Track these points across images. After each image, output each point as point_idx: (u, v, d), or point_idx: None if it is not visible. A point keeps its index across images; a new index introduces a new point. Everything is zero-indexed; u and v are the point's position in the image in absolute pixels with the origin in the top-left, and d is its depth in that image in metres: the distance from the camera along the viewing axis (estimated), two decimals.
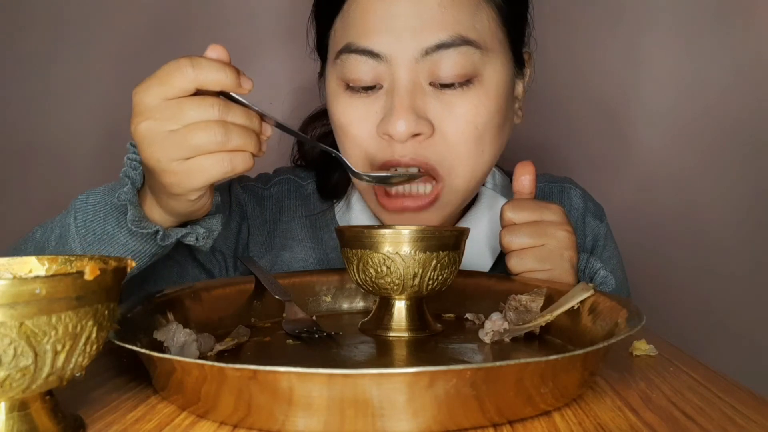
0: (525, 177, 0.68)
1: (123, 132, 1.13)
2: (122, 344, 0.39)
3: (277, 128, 0.53)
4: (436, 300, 0.60)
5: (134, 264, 0.37)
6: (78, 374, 0.34)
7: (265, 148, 0.51)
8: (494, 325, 0.54)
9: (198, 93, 0.48)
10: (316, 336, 0.54)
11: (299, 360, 0.49)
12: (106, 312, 0.34)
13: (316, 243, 0.80)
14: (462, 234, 0.57)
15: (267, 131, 0.52)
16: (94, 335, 0.33)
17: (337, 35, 0.68)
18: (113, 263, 0.36)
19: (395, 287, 0.55)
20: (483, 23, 0.65)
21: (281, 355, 0.51)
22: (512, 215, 0.65)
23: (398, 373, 0.34)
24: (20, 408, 0.33)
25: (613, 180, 1.15)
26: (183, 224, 0.59)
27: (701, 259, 1.16)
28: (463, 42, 0.64)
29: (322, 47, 0.73)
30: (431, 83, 0.65)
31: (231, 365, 0.34)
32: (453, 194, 0.69)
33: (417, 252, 0.53)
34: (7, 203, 1.13)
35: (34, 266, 0.40)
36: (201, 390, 0.37)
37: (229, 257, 0.77)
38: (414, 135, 0.65)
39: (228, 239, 0.77)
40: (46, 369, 0.32)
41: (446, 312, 0.64)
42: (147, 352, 0.38)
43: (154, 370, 0.42)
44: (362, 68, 0.65)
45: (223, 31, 1.12)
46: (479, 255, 0.76)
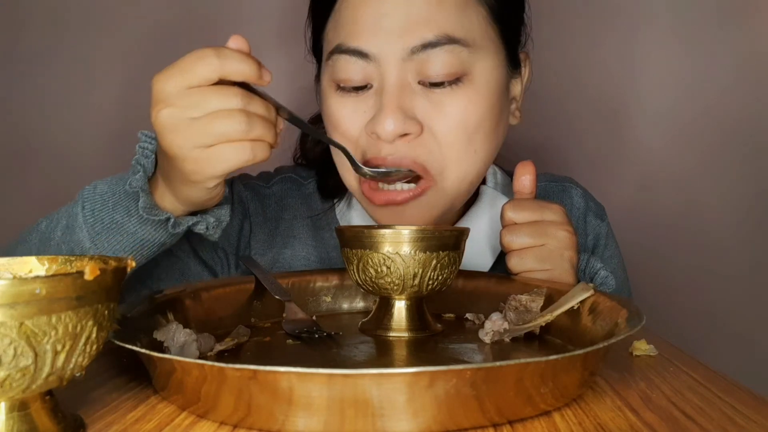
0: (525, 177, 0.68)
1: (123, 131, 1.14)
2: (122, 344, 0.39)
3: (290, 122, 0.54)
4: (436, 300, 0.60)
5: (134, 264, 0.37)
6: (78, 374, 0.34)
7: (280, 141, 0.52)
8: (494, 325, 0.54)
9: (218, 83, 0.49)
10: (316, 336, 0.54)
11: (299, 360, 0.49)
12: (106, 312, 0.34)
13: (318, 242, 0.81)
14: (462, 234, 0.57)
15: (280, 124, 0.53)
16: (94, 335, 0.33)
17: (329, 36, 0.69)
18: (113, 263, 0.36)
19: (395, 287, 0.55)
20: (472, 21, 0.65)
21: (281, 355, 0.51)
22: (513, 215, 0.65)
23: (398, 373, 0.34)
24: (20, 408, 0.33)
25: (613, 180, 1.16)
26: (192, 213, 0.59)
27: (701, 259, 1.16)
28: (450, 41, 0.64)
29: (317, 49, 0.74)
30: (420, 82, 0.65)
31: (231, 365, 0.34)
32: (441, 196, 0.69)
33: (417, 252, 0.53)
34: (7, 203, 1.13)
35: (34, 266, 0.40)
36: (201, 390, 0.37)
37: (231, 254, 0.77)
38: (402, 135, 0.64)
39: (230, 237, 0.77)
40: (46, 369, 0.32)
41: (446, 312, 0.64)
42: (147, 352, 0.38)
43: (154, 370, 0.42)
44: (352, 68, 0.65)
45: (224, 31, 1.12)
46: (479, 254, 0.76)
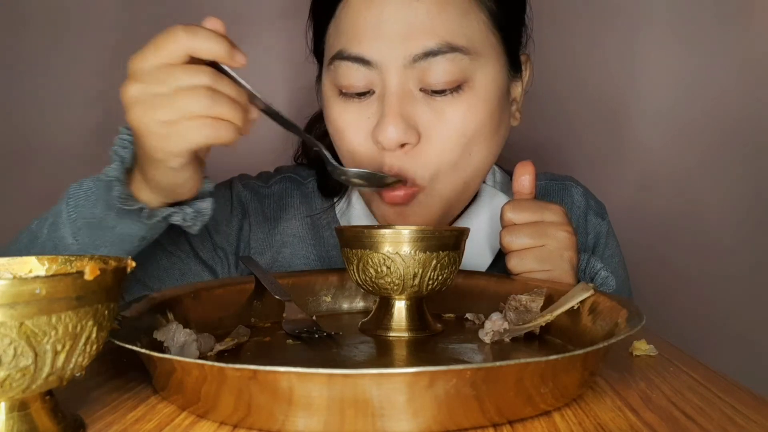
0: (525, 177, 0.68)
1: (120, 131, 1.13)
2: (122, 344, 0.39)
3: (265, 114, 0.54)
4: (436, 300, 0.60)
5: (134, 264, 0.37)
6: (78, 374, 0.34)
7: (249, 129, 0.51)
8: (494, 325, 0.54)
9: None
10: (316, 336, 0.54)
11: (299, 360, 0.49)
12: (106, 312, 0.34)
13: (317, 241, 0.81)
14: (462, 234, 0.57)
15: (253, 113, 0.52)
16: (94, 335, 0.33)
17: (331, 40, 0.69)
18: (113, 263, 0.36)
19: (395, 287, 0.55)
20: (473, 28, 0.65)
21: (281, 355, 0.51)
22: (512, 215, 0.65)
23: (398, 373, 0.34)
24: (20, 408, 0.33)
25: (613, 180, 1.16)
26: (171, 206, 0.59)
27: (701, 259, 1.16)
28: (451, 49, 0.64)
29: (319, 51, 0.74)
30: (422, 89, 0.65)
31: (231, 365, 0.34)
32: (436, 198, 0.69)
33: (417, 252, 0.53)
34: (6, 203, 1.13)
35: (34, 266, 0.40)
36: (201, 390, 0.37)
37: (231, 254, 0.77)
38: (401, 145, 0.65)
39: (229, 236, 0.77)
40: (46, 369, 0.32)
41: (446, 312, 0.64)
42: (147, 352, 0.38)
43: (154, 370, 0.42)
44: (354, 75, 0.65)
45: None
46: (478, 252, 0.76)
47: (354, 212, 0.80)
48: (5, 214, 1.12)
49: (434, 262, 0.54)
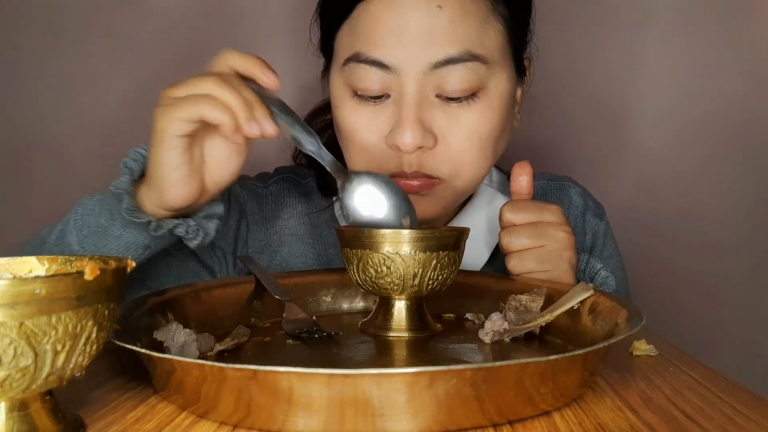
0: (522, 177, 0.68)
1: (122, 131, 1.14)
2: (122, 344, 0.39)
3: (293, 141, 0.57)
4: (436, 300, 0.60)
5: (134, 264, 0.37)
6: (78, 374, 0.34)
7: (254, 132, 0.53)
8: (494, 325, 0.54)
9: None
10: (316, 336, 0.54)
11: (299, 360, 0.49)
12: (106, 312, 0.34)
13: (315, 239, 0.81)
14: (462, 234, 0.57)
15: (268, 129, 0.53)
16: (94, 335, 0.33)
17: (344, 41, 0.69)
18: (113, 263, 0.36)
19: (395, 287, 0.55)
20: (491, 37, 0.66)
21: (281, 355, 0.51)
22: (511, 216, 0.65)
23: (398, 373, 0.34)
24: (20, 408, 0.33)
25: (612, 180, 1.15)
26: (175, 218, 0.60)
27: (701, 259, 1.16)
28: (471, 57, 0.64)
29: (327, 47, 0.74)
30: (438, 95, 0.66)
31: (231, 365, 0.34)
32: (451, 191, 0.70)
33: (417, 252, 0.53)
34: (6, 203, 1.13)
35: (34, 266, 0.40)
36: (201, 390, 0.37)
37: (229, 254, 0.77)
38: (418, 147, 0.66)
39: (227, 236, 0.77)
40: (46, 369, 0.32)
41: (446, 312, 0.64)
42: (147, 352, 0.38)
43: (154, 370, 0.42)
44: (371, 78, 0.65)
45: (225, 30, 1.12)
46: (475, 251, 0.77)
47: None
48: (5, 214, 1.12)
49: (434, 262, 0.54)
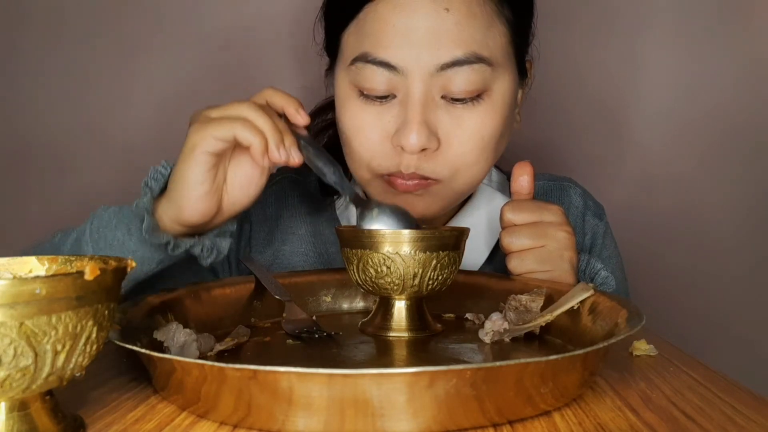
0: (523, 177, 0.68)
1: (122, 131, 1.14)
2: (122, 344, 0.39)
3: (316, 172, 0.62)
4: (436, 300, 0.60)
5: (134, 264, 0.37)
6: (78, 374, 0.34)
7: (281, 159, 0.57)
8: (494, 325, 0.54)
9: None
10: (316, 336, 0.54)
11: (299, 360, 0.49)
12: (106, 312, 0.34)
13: (316, 238, 0.82)
14: (462, 234, 0.57)
15: (294, 157, 0.58)
16: (94, 335, 0.33)
17: (351, 40, 0.69)
18: (113, 263, 0.36)
19: (395, 287, 0.55)
20: (495, 40, 0.67)
21: (281, 355, 0.51)
22: (512, 216, 0.65)
23: (398, 373, 0.34)
24: (20, 408, 0.33)
25: (613, 180, 1.15)
26: (191, 235, 0.61)
27: (701, 260, 1.16)
28: (477, 60, 0.65)
29: (332, 47, 0.74)
30: (443, 96, 0.66)
31: (231, 365, 0.34)
32: (449, 191, 0.70)
33: (417, 252, 0.53)
34: (6, 203, 1.13)
35: (34, 266, 0.40)
36: (201, 390, 0.37)
37: (232, 254, 0.78)
38: (422, 149, 0.66)
39: (232, 222, 0.77)
40: (46, 369, 0.32)
41: (446, 312, 0.64)
42: (147, 352, 0.38)
43: (154, 370, 0.42)
44: (377, 78, 0.66)
45: (226, 30, 1.12)
46: (475, 250, 0.77)
47: (353, 210, 0.81)
48: (5, 214, 1.12)
49: (434, 262, 0.54)
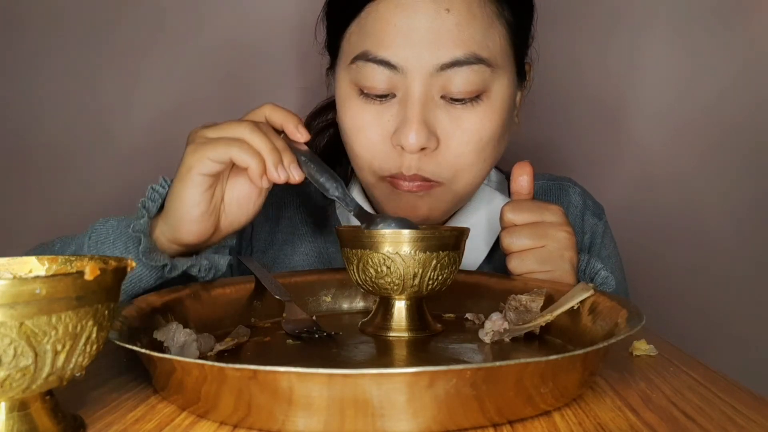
0: (523, 177, 0.68)
1: (121, 131, 1.13)
2: (122, 344, 0.39)
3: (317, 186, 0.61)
4: (436, 300, 0.60)
5: (134, 264, 0.37)
6: (78, 374, 0.34)
7: (281, 179, 0.57)
8: (494, 325, 0.54)
9: None
10: (316, 336, 0.54)
11: (299, 360, 0.49)
12: (106, 312, 0.34)
13: (317, 237, 0.83)
14: (462, 234, 0.57)
15: (294, 175, 0.58)
16: (94, 335, 0.33)
17: (353, 39, 0.69)
18: (113, 263, 0.36)
19: (395, 287, 0.55)
20: (495, 41, 0.67)
21: (281, 355, 0.51)
22: (512, 216, 0.66)
23: (398, 373, 0.34)
24: (20, 408, 0.33)
25: (612, 180, 1.15)
26: (188, 254, 0.62)
27: (700, 259, 1.16)
28: (477, 60, 0.65)
29: (333, 46, 0.74)
30: (443, 96, 0.66)
31: (231, 365, 0.34)
32: (450, 194, 0.71)
33: (417, 252, 0.53)
34: (5, 203, 1.13)
35: (34, 266, 0.40)
36: (201, 390, 0.37)
37: (234, 253, 0.78)
38: (421, 149, 0.66)
39: (232, 237, 0.77)
40: (46, 369, 0.32)
41: (446, 312, 0.64)
42: (147, 352, 0.38)
43: (154, 370, 0.42)
44: (378, 77, 0.66)
45: (227, 30, 1.12)
46: (474, 249, 0.77)
47: None
48: (5, 214, 1.12)
49: (434, 262, 0.54)
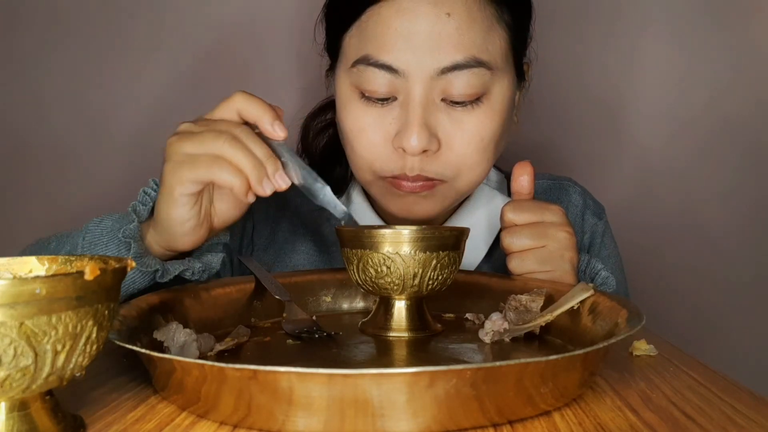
0: (523, 177, 0.68)
1: (121, 131, 1.13)
2: (122, 344, 0.39)
3: (302, 190, 0.57)
4: (436, 300, 0.60)
5: (134, 264, 0.37)
6: (78, 374, 0.34)
7: (267, 191, 0.54)
8: (494, 325, 0.54)
9: None
10: (316, 336, 0.54)
11: (299, 360, 0.49)
12: (106, 312, 0.34)
13: (317, 237, 0.83)
14: (462, 234, 0.57)
15: (281, 184, 0.54)
16: (94, 335, 0.33)
17: (353, 42, 0.69)
18: (113, 263, 0.36)
19: (395, 287, 0.55)
20: (495, 44, 0.67)
21: (281, 355, 0.51)
22: (513, 216, 0.66)
23: (398, 373, 0.34)
24: (20, 408, 0.33)
25: (612, 179, 1.15)
26: (181, 256, 0.61)
27: (700, 258, 1.16)
28: (477, 64, 0.66)
29: (333, 48, 0.74)
30: (443, 99, 0.67)
31: (231, 365, 0.34)
32: (453, 191, 0.72)
33: (417, 252, 0.53)
34: (5, 203, 1.13)
35: (34, 266, 0.40)
36: (201, 390, 0.37)
37: (235, 252, 0.78)
38: (423, 151, 0.67)
39: (233, 236, 0.78)
40: (46, 369, 0.32)
41: (446, 312, 0.64)
42: (147, 352, 0.38)
43: (154, 370, 0.42)
44: (379, 81, 0.66)
45: (227, 31, 1.12)
46: (474, 248, 0.78)
47: (354, 208, 0.81)
48: (5, 214, 1.12)
49: (434, 262, 0.54)
